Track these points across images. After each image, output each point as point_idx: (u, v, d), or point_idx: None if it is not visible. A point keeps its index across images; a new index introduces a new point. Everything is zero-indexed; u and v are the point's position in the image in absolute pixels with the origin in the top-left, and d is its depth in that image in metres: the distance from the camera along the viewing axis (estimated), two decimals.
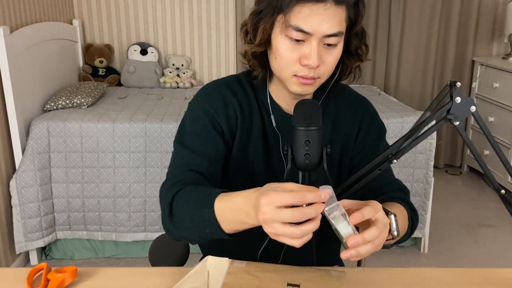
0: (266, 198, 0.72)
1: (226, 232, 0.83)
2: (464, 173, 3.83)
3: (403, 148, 0.89)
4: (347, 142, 1.12)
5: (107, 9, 3.42)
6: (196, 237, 0.90)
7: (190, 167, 0.99)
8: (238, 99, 1.07)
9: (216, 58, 3.56)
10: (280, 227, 0.71)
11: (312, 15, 0.90)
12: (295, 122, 0.85)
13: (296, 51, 0.94)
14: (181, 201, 0.91)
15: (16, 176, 2.29)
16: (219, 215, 0.82)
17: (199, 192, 0.89)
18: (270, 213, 0.71)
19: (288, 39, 0.93)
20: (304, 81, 0.97)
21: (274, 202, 0.71)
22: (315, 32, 0.91)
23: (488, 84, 3.50)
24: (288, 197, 0.71)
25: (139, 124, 2.39)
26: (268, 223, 0.72)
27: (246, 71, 1.11)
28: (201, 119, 1.04)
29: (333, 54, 0.97)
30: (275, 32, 0.96)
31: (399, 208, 0.97)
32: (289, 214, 0.71)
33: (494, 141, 0.88)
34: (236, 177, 1.09)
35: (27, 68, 2.43)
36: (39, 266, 0.93)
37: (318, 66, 0.94)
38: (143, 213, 2.44)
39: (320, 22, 0.91)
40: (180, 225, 0.90)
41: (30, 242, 2.35)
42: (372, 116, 1.14)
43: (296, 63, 0.95)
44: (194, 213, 0.86)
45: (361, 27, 1.00)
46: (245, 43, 1.01)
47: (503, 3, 3.64)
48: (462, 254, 2.65)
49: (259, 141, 1.08)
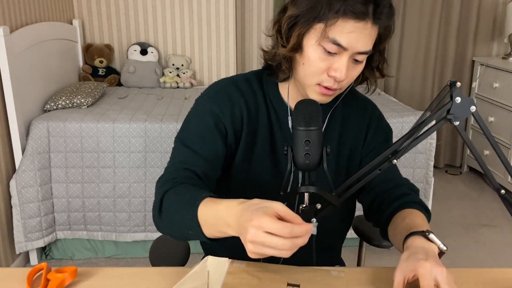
0: (257, 222, 0.72)
1: (207, 236, 0.84)
2: (464, 173, 3.83)
3: (403, 148, 0.89)
4: (356, 145, 1.13)
5: (107, 9, 3.42)
6: (180, 236, 0.91)
7: (185, 166, 0.99)
8: (246, 99, 1.07)
9: (216, 58, 3.56)
10: (268, 250, 0.73)
11: (353, 31, 0.90)
12: (295, 122, 0.85)
13: (326, 62, 0.94)
14: (171, 198, 0.91)
15: (16, 176, 2.29)
16: (202, 219, 0.83)
17: (187, 192, 0.89)
18: (260, 237, 0.72)
19: (322, 49, 0.93)
20: (326, 91, 0.97)
21: (264, 228, 0.72)
22: (350, 48, 0.92)
23: (488, 84, 3.50)
24: (278, 228, 0.72)
25: (139, 124, 2.39)
26: (256, 244, 0.73)
27: (259, 70, 1.11)
28: (205, 118, 1.04)
29: (357, 69, 0.98)
30: (308, 38, 0.94)
31: (420, 216, 0.99)
32: (280, 243, 0.72)
33: (494, 141, 0.88)
34: (240, 178, 1.09)
35: (27, 68, 2.43)
36: (39, 266, 0.93)
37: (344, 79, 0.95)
38: (143, 213, 2.44)
39: (357, 39, 0.91)
40: (167, 222, 0.91)
41: (30, 242, 2.35)
42: (379, 119, 1.15)
43: (324, 73, 0.96)
44: (180, 212, 0.87)
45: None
46: (278, 44, 0.99)
47: (503, 3, 3.65)
48: (462, 254, 2.65)
49: (265, 141, 1.08)
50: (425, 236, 0.88)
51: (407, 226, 0.94)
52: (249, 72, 1.13)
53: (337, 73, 0.94)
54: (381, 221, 1.06)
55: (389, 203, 1.05)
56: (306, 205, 0.87)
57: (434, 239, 0.87)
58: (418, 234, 0.88)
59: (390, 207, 1.04)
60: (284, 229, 0.72)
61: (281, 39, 0.97)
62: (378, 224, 1.09)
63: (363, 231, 1.45)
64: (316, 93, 0.98)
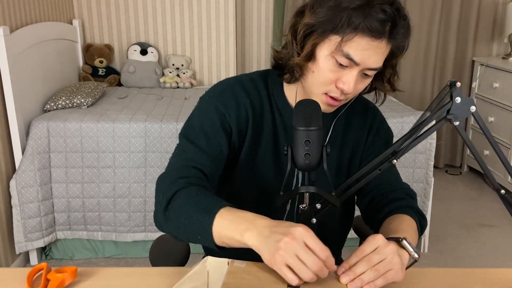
0: (304, 230, 0.76)
1: (216, 243, 0.84)
2: (464, 173, 3.83)
3: (403, 148, 0.89)
4: (357, 147, 1.13)
5: (107, 9, 3.42)
6: (184, 238, 0.90)
7: (193, 164, 0.98)
8: (251, 100, 1.07)
9: (216, 58, 3.56)
10: (295, 260, 0.74)
11: (367, 49, 0.91)
12: (295, 122, 0.85)
13: (336, 73, 0.95)
14: (183, 199, 0.90)
15: (16, 176, 2.29)
16: (218, 225, 0.83)
17: (204, 197, 0.89)
18: (297, 245, 0.74)
19: (334, 60, 0.93)
20: (332, 102, 0.98)
21: (306, 238, 0.75)
22: (362, 64, 0.92)
23: (488, 84, 3.50)
24: (318, 247, 0.76)
25: (139, 124, 2.39)
26: (288, 250, 0.74)
27: (264, 70, 1.11)
28: (210, 116, 1.04)
29: (365, 83, 0.99)
30: (322, 48, 0.94)
31: (408, 221, 0.99)
32: (313, 261, 0.75)
33: (494, 141, 0.88)
34: (244, 178, 1.09)
35: (27, 68, 2.43)
36: (39, 266, 0.93)
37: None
38: (143, 213, 2.44)
39: (370, 56, 0.92)
40: (173, 222, 0.90)
41: (30, 242, 2.35)
42: (380, 123, 1.16)
43: (332, 84, 0.96)
44: (192, 215, 0.86)
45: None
46: (293, 49, 0.98)
47: (503, 3, 3.64)
48: (462, 254, 2.65)
49: (269, 142, 1.08)
50: (399, 242, 0.88)
51: (388, 231, 0.94)
52: (253, 72, 1.13)
53: (345, 86, 0.94)
54: (375, 224, 1.06)
55: (382, 207, 1.05)
56: (306, 205, 0.87)
57: (407, 246, 0.88)
58: (393, 240, 0.88)
59: (383, 211, 1.05)
60: (323, 251, 0.75)
61: (296, 45, 0.97)
62: (373, 227, 1.09)
63: (363, 231, 1.45)
64: (322, 102, 0.98)
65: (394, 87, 1.05)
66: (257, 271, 0.88)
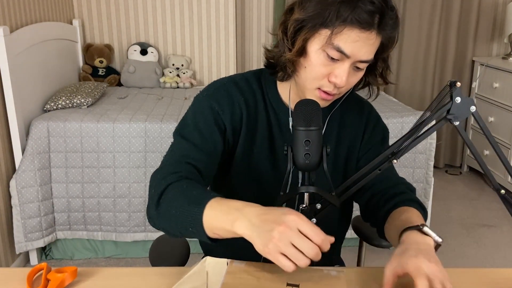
0: (295, 217, 0.75)
1: (207, 235, 0.83)
2: (464, 173, 3.83)
3: (403, 148, 0.89)
4: (353, 144, 1.13)
5: (107, 9, 3.42)
6: (176, 232, 0.90)
7: (187, 160, 0.99)
8: (245, 98, 1.07)
9: (216, 58, 3.56)
10: (290, 248, 0.74)
11: (357, 41, 0.91)
12: (295, 122, 0.85)
13: (328, 67, 0.95)
14: (173, 192, 0.90)
15: (16, 176, 2.29)
16: (208, 216, 0.82)
17: (194, 188, 0.89)
18: (291, 233, 0.74)
19: (325, 54, 0.94)
20: (325, 96, 0.98)
21: (299, 225, 0.75)
22: (353, 56, 0.93)
23: (488, 84, 3.50)
24: (313, 232, 0.75)
25: (139, 124, 2.39)
26: (283, 240, 0.74)
27: (258, 70, 1.12)
28: (205, 114, 1.04)
29: (357, 76, 0.99)
30: (312, 43, 0.95)
31: (416, 213, 0.99)
32: (309, 246, 0.74)
33: (494, 141, 0.88)
34: (240, 177, 1.09)
35: (27, 68, 2.43)
36: (39, 266, 0.93)
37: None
38: (143, 213, 2.44)
39: (360, 48, 0.92)
40: (164, 216, 0.90)
41: (30, 242, 2.35)
42: (376, 119, 1.16)
43: (325, 78, 0.96)
44: (183, 207, 0.85)
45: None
46: (284, 45, 0.99)
47: (503, 3, 3.65)
48: (462, 254, 2.65)
49: (264, 141, 1.08)
50: (420, 229, 0.88)
51: (402, 222, 0.94)
52: (247, 72, 1.14)
53: (338, 80, 0.94)
54: (378, 220, 1.06)
55: (385, 202, 1.06)
56: (306, 205, 0.87)
57: (429, 231, 0.87)
58: (413, 228, 0.88)
59: (386, 205, 1.05)
60: (318, 235, 0.75)
61: (287, 41, 0.97)
62: (375, 223, 1.09)
63: (363, 231, 1.46)
64: (315, 97, 0.98)
65: (387, 80, 1.06)
66: (257, 271, 0.88)
